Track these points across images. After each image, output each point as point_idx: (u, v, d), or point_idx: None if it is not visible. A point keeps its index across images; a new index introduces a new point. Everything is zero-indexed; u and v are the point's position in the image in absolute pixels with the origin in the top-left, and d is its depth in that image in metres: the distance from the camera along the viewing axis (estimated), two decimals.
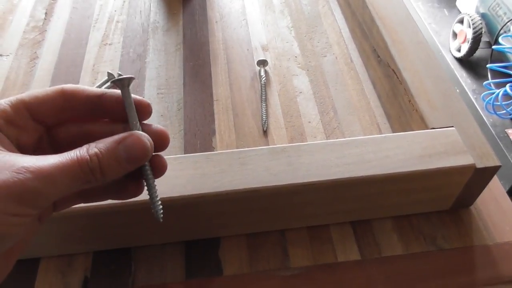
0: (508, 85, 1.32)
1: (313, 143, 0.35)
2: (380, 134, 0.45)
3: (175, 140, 0.44)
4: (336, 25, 0.57)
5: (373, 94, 0.48)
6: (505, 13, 1.44)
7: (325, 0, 0.61)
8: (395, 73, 0.43)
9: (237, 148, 0.42)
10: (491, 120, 1.45)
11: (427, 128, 0.38)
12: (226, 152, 0.34)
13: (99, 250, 0.37)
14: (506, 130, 1.41)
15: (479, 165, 0.35)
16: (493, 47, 1.38)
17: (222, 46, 0.54)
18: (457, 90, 1.65)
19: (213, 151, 0.41)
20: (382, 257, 0.37)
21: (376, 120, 0.46)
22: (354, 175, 0.33)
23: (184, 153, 0.43)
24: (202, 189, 0.32)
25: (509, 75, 1.33)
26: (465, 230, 0.39)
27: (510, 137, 1.37)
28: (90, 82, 0.50)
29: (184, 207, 0.33)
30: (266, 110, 0.45)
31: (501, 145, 1.38)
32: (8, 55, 0.54)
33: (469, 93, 1.54)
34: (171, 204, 0.32)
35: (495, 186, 0.42)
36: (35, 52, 0.54)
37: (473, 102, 1.51)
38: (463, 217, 0.40)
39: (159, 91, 0.49)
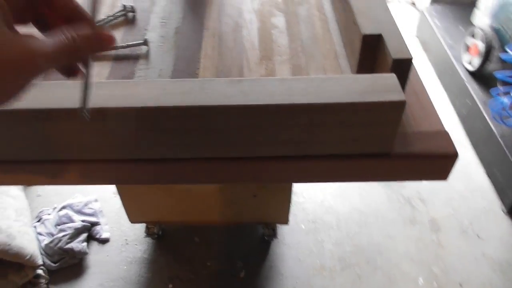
0: None
1: (266, 79, 0.41)
2: (335, 54, 0.55)
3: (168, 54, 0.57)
4: None
5: (336, 31, 0.58)
6: None
7: None
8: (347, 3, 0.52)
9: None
10: (500, 130, 1.46)
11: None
12: (190, 80, 0.41)
13: None
14: None
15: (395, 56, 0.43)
16: (500, 54, 1.39)
17: None
18: (469, 103, 1.65)
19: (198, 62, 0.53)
20: None
21: (335, 47, 0.57)
22: (295, 102, 0.39)
23: (174, 64, 0.55)
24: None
25: None
26: None
27: None
28: None
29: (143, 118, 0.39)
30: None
31: (509, 155, 1.38)
32: None
33: (479, 105, 1.55)
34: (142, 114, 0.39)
35: (417, 83, 0.51)
36: None
37: (483, 114, 1.52)
38: None
39: (161, 21, 0.62)
